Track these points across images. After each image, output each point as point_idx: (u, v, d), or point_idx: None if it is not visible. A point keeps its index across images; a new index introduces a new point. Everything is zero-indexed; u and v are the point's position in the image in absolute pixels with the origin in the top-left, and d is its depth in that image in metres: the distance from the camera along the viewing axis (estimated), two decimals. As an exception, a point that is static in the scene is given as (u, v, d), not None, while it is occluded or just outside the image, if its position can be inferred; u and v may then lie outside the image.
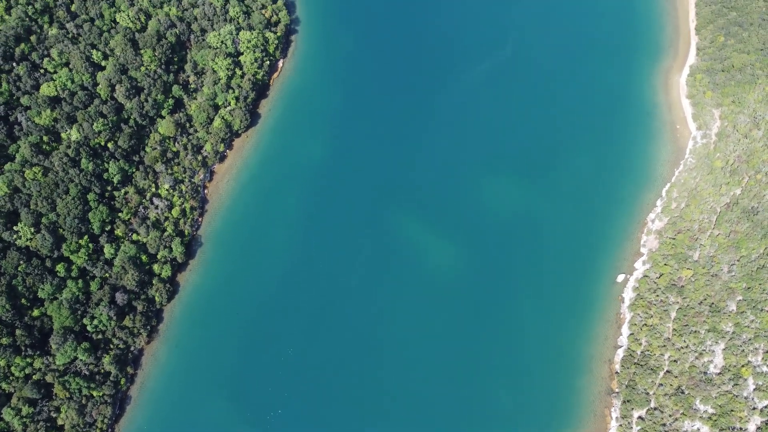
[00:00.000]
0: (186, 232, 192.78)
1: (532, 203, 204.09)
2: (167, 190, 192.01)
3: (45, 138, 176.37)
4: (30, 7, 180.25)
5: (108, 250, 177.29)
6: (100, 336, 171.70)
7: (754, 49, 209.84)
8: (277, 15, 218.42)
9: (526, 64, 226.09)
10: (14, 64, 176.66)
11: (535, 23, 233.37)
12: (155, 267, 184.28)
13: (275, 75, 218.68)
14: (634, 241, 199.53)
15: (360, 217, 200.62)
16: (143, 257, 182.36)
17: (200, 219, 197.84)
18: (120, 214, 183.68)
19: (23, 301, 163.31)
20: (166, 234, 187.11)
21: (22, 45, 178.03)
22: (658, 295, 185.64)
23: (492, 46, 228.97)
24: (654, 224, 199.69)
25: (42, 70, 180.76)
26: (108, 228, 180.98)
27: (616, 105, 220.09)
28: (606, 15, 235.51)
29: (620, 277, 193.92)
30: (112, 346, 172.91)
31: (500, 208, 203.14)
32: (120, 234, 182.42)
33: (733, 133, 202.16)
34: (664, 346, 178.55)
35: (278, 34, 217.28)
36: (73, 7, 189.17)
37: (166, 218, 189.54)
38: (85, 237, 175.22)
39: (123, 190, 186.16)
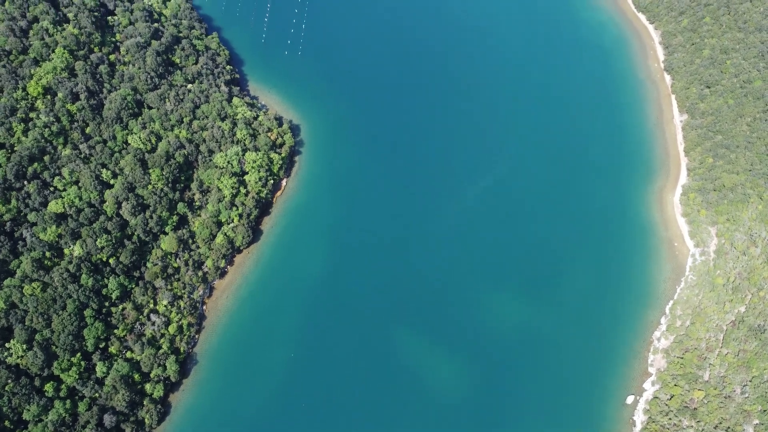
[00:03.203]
0: (182, 349, 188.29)
1: (535, 321, 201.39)
2: (165, 306, 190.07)
3: (48, 253, 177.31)
4: (47, 129, 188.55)
5: (100, 369, 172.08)
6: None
7: (743, 170, 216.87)
8: (282, 137, 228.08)
9: (522, 184, 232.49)
10: (25, 182, 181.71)
11: (530, 145, 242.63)
12: (147, 386, 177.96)
13: (278, 193, 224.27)
14: (641, 360, 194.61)
15: (360, 335, 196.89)
16: (136, 376, 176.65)
17: (197, 336, 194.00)
18: (116, 331, 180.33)
19: (6, 423, 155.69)
20: (161, 351, 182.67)
21: (35, 164, 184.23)
22: (670, 419, 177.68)
23: (489, 164, 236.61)
24: (660, 343, 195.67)
25: (52, 188, 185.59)
26: (102, 345, 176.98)
27: (613, 223, 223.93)
28: (598, 138, 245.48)
29: (629, 399, 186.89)
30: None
31: (503, 326, 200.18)
32: (114, 351, 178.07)
33: (731, 251, 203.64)
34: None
35: (282, 154, 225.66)
36: (88, 130, 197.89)
37: (162, 335, 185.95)
38: (78, 354, 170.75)
39: (121, 306, 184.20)
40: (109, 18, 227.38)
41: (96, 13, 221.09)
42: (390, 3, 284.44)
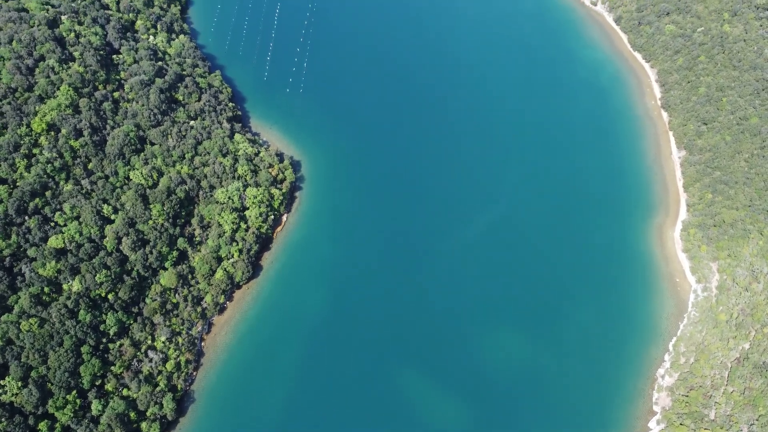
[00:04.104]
0: (179, 386, 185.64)
1: (536, 358, 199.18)
2: (163, 342, 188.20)
3: (46, 289, 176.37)
4: (49, 165, 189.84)
5: (95, 407, 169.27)
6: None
7: (742, 206, 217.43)
8: (283, 173, 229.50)
9: (522, 220, 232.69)
10: (26, 218, 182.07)
11: (530, 181, 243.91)
12: (143, 425, 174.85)
13: (279, 228, 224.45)
14: (646, 398, 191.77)
15: (360, 372, 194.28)
16: (132, 414, 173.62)
17: (195, 373, 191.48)
18: (113, 368, 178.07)
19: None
20: (158, 389, 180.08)
21: (37, 199, 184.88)
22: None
23: (490, 200, 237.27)
24: (664, 380, 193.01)
25: (52, 223, 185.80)
26: (98, 382, 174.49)
27: (614, 260, 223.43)
28: (597, 175, 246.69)
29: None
30: None
31: (503, 363, 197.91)
32: (110, 389, 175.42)
33: (733, 287, 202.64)
34: None
35: (283, 190, 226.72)
36: (90, 165, 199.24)
37: (160, 372, 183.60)
38: (74, 392, 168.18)
39: (118, 342, 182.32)
40: (115, 56, 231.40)
41: (101, 52, 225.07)
42: (390, 42, 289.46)
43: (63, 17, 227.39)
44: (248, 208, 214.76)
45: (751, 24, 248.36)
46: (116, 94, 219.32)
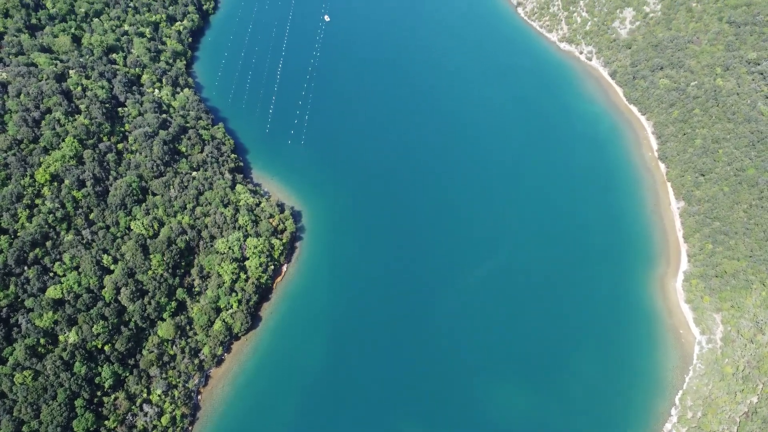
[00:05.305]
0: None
1: (540, 411, 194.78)
2: (159, 395, 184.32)
3: (42, 340, 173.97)
4: (51, 215, 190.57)
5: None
6: None
7: (743, 256, 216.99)
8: (283, 223, 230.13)
9: (524, 271, 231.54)
10: (25, 268, 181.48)
11: (531, 233, 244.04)
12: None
13: (279, 279, 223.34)
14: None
15: (360, 427, 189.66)
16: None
17: (190, 428, 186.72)
18: (106, 422, 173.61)
19: None
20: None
21: (37, 249, 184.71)
22: None
23: (490, 252, 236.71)
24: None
25: (51, 273, 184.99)
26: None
27: (616, 311, 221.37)
28: (597, 226, 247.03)
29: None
30: None
31: (506, 416, 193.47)
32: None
33: (738, 338, 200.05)
34: None
35: (284, 240, 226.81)
36: (92, 216, 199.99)
37: (155, 426, 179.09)
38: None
39: (113, 396, 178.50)
40: (120, 109, 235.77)
41: (107, 105, 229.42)
42: (390, 97, 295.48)
43: (71, 71, 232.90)
44: (248, 259, 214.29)
45: (744, 78, 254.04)
46: (120, 146, 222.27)
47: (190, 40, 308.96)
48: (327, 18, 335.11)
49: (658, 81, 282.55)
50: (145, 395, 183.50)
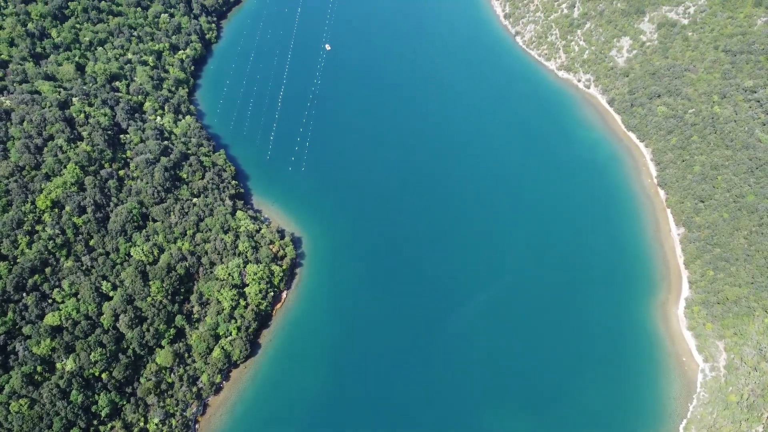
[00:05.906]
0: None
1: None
2: (156, 424, 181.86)
3: (39, 368, 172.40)
4: (51, 242, 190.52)
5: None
6: None
7: (745, 283, 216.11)
8: (283, 250, 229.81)
9: (524, 299, 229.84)
10: (24, 294, 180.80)
11: (531, 260, 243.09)
12: None
13: (278, 305, 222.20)
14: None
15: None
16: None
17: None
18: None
19: None
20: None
21: (36, 276, 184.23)
22: None
23: (491, 279, 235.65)
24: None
25: (50, 300, 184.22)
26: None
27: (618, 338, 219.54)
28: (597, 253, 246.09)
29: None
30: None
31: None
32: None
33: (741, 366, 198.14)
34: None
35: (284, 267, 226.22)
36: (92, 242, 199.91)
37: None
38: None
39: (110, 425, 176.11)
40: (122, 136, 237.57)
41: (109, 132, 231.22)
42: (390, 124, 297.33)
43: (74, 99, 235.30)
44: (248, 285, 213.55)
45: (741, 105, 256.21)
46: (122, 172, 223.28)
47: (192, 68, 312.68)
48: (328, 47, 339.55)
49: (655, 108, 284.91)
50: (142, 424, 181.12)
